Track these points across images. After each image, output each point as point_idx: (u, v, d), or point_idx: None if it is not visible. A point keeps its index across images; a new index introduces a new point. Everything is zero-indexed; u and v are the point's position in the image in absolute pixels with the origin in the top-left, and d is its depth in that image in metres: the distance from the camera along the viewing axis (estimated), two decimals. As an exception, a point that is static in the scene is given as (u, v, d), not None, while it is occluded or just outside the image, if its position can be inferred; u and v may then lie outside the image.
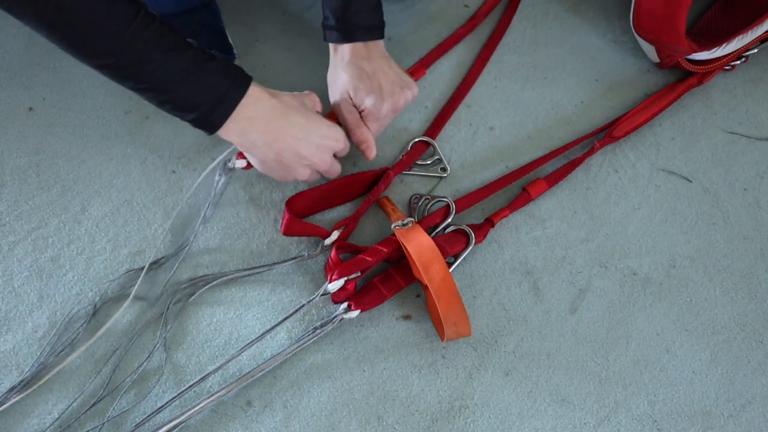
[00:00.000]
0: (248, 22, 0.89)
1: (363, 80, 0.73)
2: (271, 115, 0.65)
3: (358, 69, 0.73)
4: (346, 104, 0.75)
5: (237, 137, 0.65)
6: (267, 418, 0.67)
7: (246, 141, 0.65)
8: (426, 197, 0.79)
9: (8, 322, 0.69)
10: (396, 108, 0.76)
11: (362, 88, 0.73)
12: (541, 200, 0.80)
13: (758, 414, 0.71)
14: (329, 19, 0.74)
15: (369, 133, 0.75)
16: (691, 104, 0.88)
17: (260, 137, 0.65)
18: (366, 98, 0.73)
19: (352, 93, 0.74)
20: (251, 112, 0.64)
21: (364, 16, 0.73)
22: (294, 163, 0.68)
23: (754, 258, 0.79)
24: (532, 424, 0.69)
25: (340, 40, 0.73)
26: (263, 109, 0.64)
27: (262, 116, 0.64)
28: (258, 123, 0.64)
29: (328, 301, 0.72)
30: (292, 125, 0.66)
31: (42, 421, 0.65)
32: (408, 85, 0.77)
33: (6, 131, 0.80)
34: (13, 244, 0.73)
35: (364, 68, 0.74)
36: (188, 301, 0.71)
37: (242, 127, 0.64)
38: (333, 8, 0.73)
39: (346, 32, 0.73)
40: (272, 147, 0.66)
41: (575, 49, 0.92)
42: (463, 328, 0.68)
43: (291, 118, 0.66)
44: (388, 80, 0.75)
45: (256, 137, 0.65)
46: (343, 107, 0.75)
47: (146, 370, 0.68)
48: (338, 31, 0.73)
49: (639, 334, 0.74)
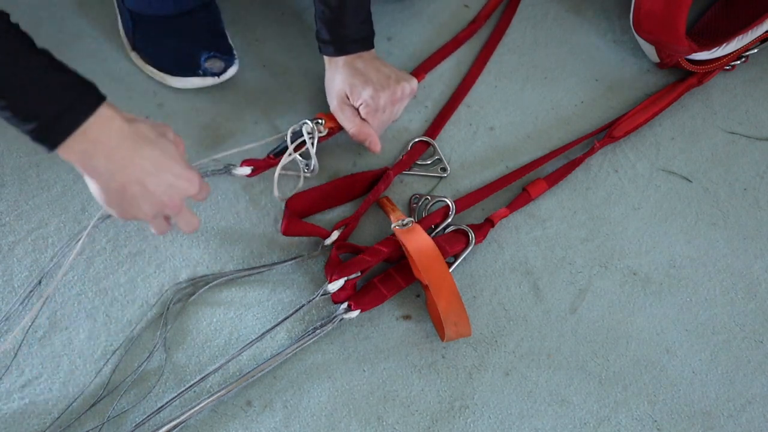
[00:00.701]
0: (248, 22, 0.89)
1: (357, 77, 0.75)
2: (121, 141, 0.57)
3: (352, 68, 0.76)
4: (343, 104, 0.76)
5: (78, 159, 0.57)
6: (267, 418, 0.67)
7: (88, 165, 0.57)
8: (426, 197, 0.79)
9: (8, 322, 0.69)
10: (394, 99, 0.77)
11: (357, 83, 0.75)
12: (541, 200, 0.80)
13: (758, 414, 0.71)
14: (322, 33, 0.76)
15: (369, 127, 0.76)
16: (691, 104, 0.88)
17: (104, 164, 0.57)
18: (362, 92, 0.75)
19: (348, 91, 0.75)
20: (97, 133, 0.56)
21: (355, 29, 0.75)
22: (139, 199, 0.59)
23: (754, 258, 0.79)
24: (532, 424, 0.69)
25: (335, 54, 0.76)
26: (113, 133, 0.57)
27: (109, 141, 0.56)
28: (103, 148, 0.56)
29: (328, 301, 0.72)
30: (143, 157, 0.58)
31: (42, 421, 0.65)
32: (404, 77, 0.78)
33: (6, 131, 0.79)
34: (13, 244, 0.73)
35: (358, 67, 0.76)
36: (188, 301, 0.71)
37: (85, 148, 0.56)
38: (326, 21, 0.74)
39: (341, 46, 0.75)
40: (116, 177, 0.58)
41: (575, 49, 0.92)
42: (463, 328, 0.68)
43: (143, 150, 0.58)
44: (382, 74, 0.76)
45: (100, 163, 0.57)
46: (341, 107, 0.76)
47: (146, 370, 0.68)
48: (332, 45, 0.75)
49: (639, 334, 0.74)
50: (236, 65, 0.83)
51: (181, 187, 0.61)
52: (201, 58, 0.81)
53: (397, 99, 0.77)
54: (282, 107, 0.83)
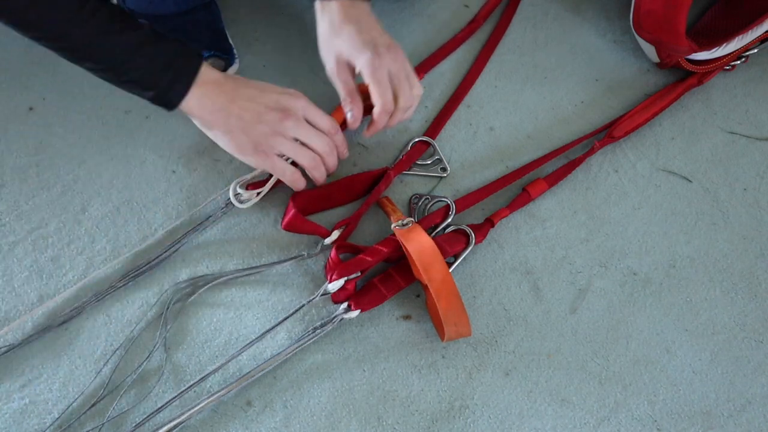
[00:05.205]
0: (248, 22, 0.89)
1: (354, 37, 0.69)
2: (223, 83, 0.66)
3: (348, 25, 0.70)
4: (340, 68, 0.71)
5: (196, 109, 0.66)
6: (267, 418, 0.67)
7: (204, 112, 0.66)
8: (426, 197, 0.79)
9: (8, 322, 0.69)
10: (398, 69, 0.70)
11: (357, 44, 0.69)
12: (541, 200, 0.80)
13: (758, 414, 0.71)
14: None
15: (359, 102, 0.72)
16: (691, 104, 0.88)
17: (215, 100, 0.66)
18: (360, 55, 0.69)
19: (346, 53, 0.70)
20: (204, 80, 0.65)
21: None
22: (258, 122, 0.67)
23: (754, 258, 0.79)
24: (532, 424, 0.69)
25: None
26: (216, 76, 0.66)
27: (215, 80, 0.66)
28: (211, 87, 0.65)
29: (328, 301, 0.72)
30: (246, 86, 0.68)
31: (42, 421, 0.65)
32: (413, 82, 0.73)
33: (6, 131, 0.80)
34: (13, 244, 0.73)
35: (356, 23, 0.70)
36: (188, 301, 0.71)
37: (198, 95, 0.65)
38: None
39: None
40: (230, 109, 0.66)
41: (575, 49, 0.92)
42: (463, 328, 0.68)
43: (242, 82, 0.68)
44: (384, 39, 0.71)
45: (212, 102, 0.66)
46: (337, 71, 0.71)
47: (146, 370, 0.68)
48: None
49: (639, 334, 0.74)
50: (236, 65, 0.83)
51: (289, 98, 0.68)
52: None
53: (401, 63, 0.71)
54: (282, 107, 0.83)
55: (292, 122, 0.68)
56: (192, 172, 0.79)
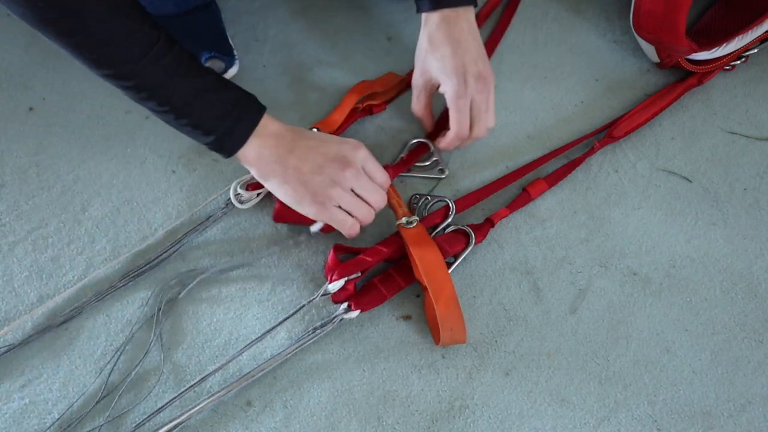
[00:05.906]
0: (248, 22, 0.89)
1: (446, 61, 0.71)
2: (284, 134, 0.66)
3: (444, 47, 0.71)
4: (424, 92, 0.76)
5: (254, 159, 0.65)
6: (267, 418, 0.67)
7: (262, 163, 0.65)
8: (426, 197, 0.79)
9: (8, 322, 0.69)
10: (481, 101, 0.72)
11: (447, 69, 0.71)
12: (541, 200, 0.80)
13: (758, 414, 0.71)
14: None
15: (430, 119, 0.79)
16: (691, 104, 0.88)
17: (273, 152, 0.65)
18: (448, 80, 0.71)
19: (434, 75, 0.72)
20: (264, 132, 0.64)
21: None
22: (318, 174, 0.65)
23: (753, 258, 0.79)
24: (532, 424, 0.69)
25: (431, 8, 0.72)
26: (276, 128, 0.65)
27: (274, 133, 0.65)
28: (270, 139, 0.65)
29: (328, 301, 0.72)
30: (305, 138, 0.66)
31: (42, 421, 0.65)
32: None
33: (6, 131, 0.80)
34: (13, 244, 0.73)
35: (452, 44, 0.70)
36: (179, 297, 0.71)
37: (256, 145, 0.64)
38: None
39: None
40: (287, 161, 0.65)
41: (575, 49, 0.92)
42: (458, 334, 0.68)
43: (302, 134, 0.67)
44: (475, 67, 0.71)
45: (270, 153, 0.65)
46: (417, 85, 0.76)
47: (146, 371, 0.68)
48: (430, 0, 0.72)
49: (639, 334, 0.74)
50: (236, 65, 0.84)
51: (348, 148, 0.66)
52: (201, 59, 0.81)
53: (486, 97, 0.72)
54: (282, 108, 0.83)
55: (352, 173, 0.66)
56: (192, 172, 0.79)
